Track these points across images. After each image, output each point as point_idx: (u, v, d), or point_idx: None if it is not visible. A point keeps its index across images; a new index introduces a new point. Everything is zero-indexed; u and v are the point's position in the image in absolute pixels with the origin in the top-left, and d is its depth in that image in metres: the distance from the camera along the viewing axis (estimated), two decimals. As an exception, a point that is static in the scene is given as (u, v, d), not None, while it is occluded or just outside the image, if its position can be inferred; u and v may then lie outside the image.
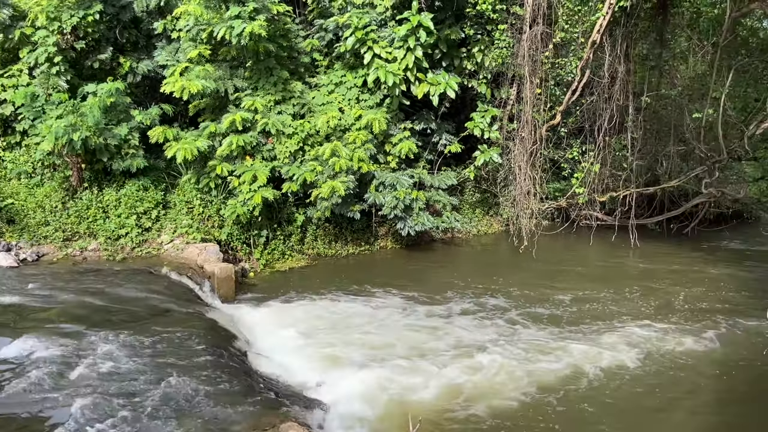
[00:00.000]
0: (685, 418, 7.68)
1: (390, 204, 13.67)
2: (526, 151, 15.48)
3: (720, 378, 8.66)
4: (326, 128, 13.55)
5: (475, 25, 15.02)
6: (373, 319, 10.37)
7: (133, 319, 8.88)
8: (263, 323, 10.04)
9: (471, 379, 8.29)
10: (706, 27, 16.75)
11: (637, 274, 13.58)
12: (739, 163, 19.19)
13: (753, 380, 8.61)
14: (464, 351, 9.11)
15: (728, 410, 7.87)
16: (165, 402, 6.59)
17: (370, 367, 8.48)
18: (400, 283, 12.28)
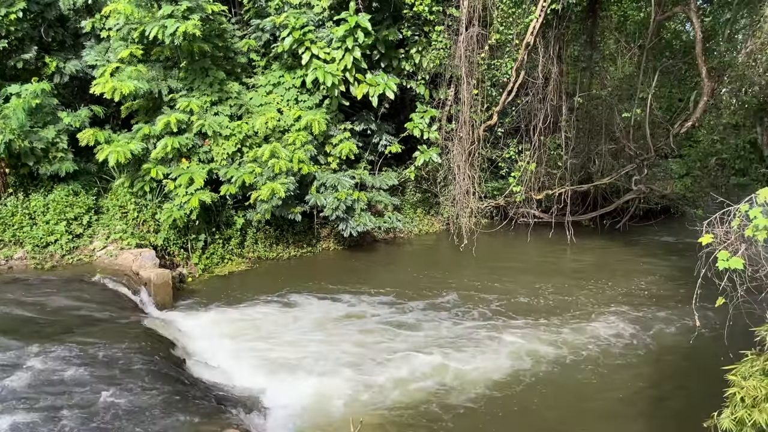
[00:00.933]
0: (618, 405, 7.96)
1: (331, 205, 13.62)
2: (464, 151, 15.72)
3: (651, 365, 9.02)
4: (265, 129, 13.38)
5: (413, 27, 15.15)
6: (315, 322, 10.30)
7: (65, 330, 8.51)
8: (203, 329, 9.81)
9: (412, 380, 8.34)
10: (633, 30, 17.47)
11: (573, 269, 14.01)
12: (666, 160, 20.04)
13: (680, 367, 9.01)
14: (406, 351, 9.15)
15: (658, 396, 8.20)
16: (99, 415, 6.34)
17: (312, 370, 8.43)
18: (342, 285, 12.24)
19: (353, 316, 10.70)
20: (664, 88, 18.50)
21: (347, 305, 11.20)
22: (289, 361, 8.74)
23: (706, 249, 6.66)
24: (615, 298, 11.82)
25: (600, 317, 10.78)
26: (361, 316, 10.68)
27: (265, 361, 8.75)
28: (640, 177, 16.60)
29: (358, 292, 11.85)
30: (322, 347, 9.24)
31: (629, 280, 12.93)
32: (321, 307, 11.09)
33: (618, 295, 12.00)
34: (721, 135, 18.13)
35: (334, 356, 8.93)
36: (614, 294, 12.09)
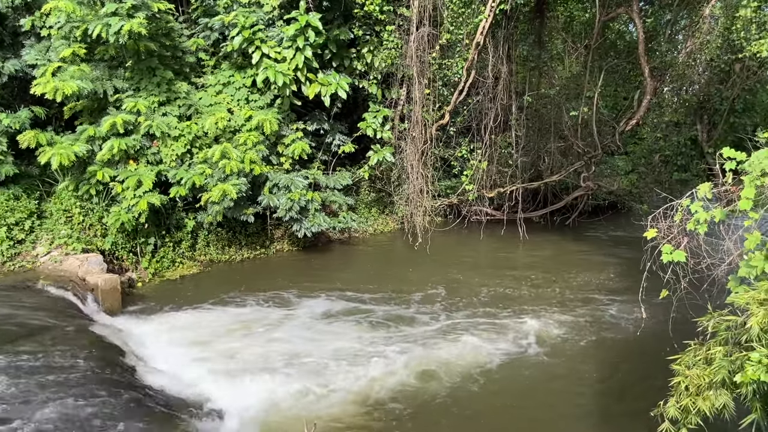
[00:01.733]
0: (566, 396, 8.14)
1: (285, 206, 13.49)
2: (417, 150, 15.81)
3: (600, 357, 9.26)
4: (215, 130, 13.15)
5: (364, 26, 15.14)
6: (268, 324, 10.18)
7: (7, 340, 8.17)
8: (153, 335, 9.58)
9: (366, 381, 8.33)
10: (579, 30, 17.90)
11: (525, 265, 14.26)
12: (612, 157, 20.65)
13: (628, 358, 9.28)
14: (360, 352, 9.15)
15: (607, 387, 8.42)
16: (45, 427, 6.12)
17: (265, 373, 8.33)
18: (297, 286, 12.14)
19: (307, 317, 10.62)
20: (609, 87, 19.04)
21: (302, 307, 11.11)
22: (242, 364, 8.62)
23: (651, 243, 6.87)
24: (565, 293, 12.09)
25: (550, 312, 11.02)
26: (315, 318, 10.61)
27: (218, 365, 8.61)
28: (588, 174, 17.03)
29: (312, 294, 11.78)
30: (275, 349, 9.14)
31: (579, 274, 13.24)
32: (274, 309, 10.97)
33: (568, 290, 12.28)
34: (664, 132, 18.77)
35: (288, 358, 8.85)
36: (564, 289, 12.36)
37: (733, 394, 4.69)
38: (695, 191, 6.72)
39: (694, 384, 4.86)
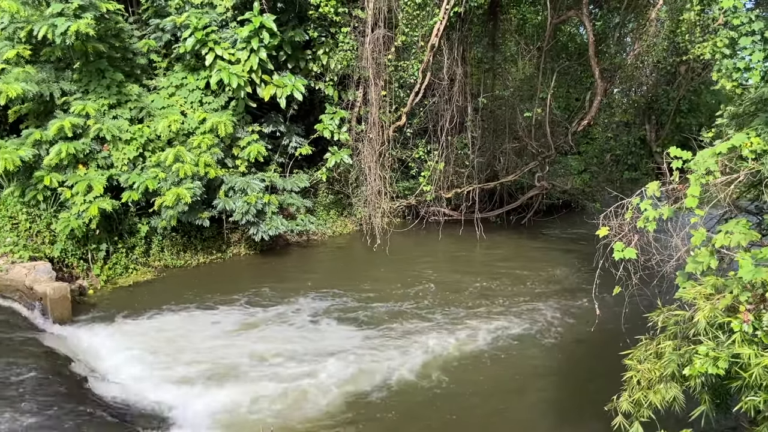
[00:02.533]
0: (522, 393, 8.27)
1: (241, 209, 13.31)
2: (375, 152, 15.82)
3: (555, 354, 9.44)
4: (168, 133, 12.89)
5: (319, 28, 15.08)
6: (224, 331, 10.02)
7: (-52, 353, 7.86)
8: (105, 344, 9.31)
9: (321, 384, 8.26)
10: (532, 32, 18.22)
11: (482, 264, 14.42)
12: (566, 157, 21.07)
13: (582, 354, 9.48)
14: (317, 355, 9.08)
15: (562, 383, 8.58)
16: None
17: (221, 380, 8.20)
18: (254, 291, 11.99)
19: (265, 322, 10.50)
20: (561, 89, 19.42)
21: (258, 312, 10.98)
22: (197, 372, 8.45)
23: (604, 241, 7.03)
24: (521, 292, 12.27)
25: (506, 310, 11.17)
26: (273, 322, 10.50)
27: (172, 373, 8.43)
28: (542, 174, 17.33)
29: (269, 298, 11.66)
30: (230, 356, 8.99)
31: (535, 273, 13.46)
32: (230, 314, 10.80)
33: (524, 288, 12.46)
34: (615, 132, 19.27)
35: (244, 365, 8.72)
36: (520, 287, 12.54)
37: (683, 386, 4.83)
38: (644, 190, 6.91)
39: (645, 378, 4.99)
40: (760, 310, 4.22)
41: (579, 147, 20.91)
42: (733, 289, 4.47)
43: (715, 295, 4.64)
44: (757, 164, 5.96)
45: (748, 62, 8.75)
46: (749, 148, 5.97)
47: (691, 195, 6.20)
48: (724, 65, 8.87)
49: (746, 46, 8.71)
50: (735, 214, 7.12)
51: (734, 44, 9.03)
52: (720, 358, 4.28)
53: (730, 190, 6.65)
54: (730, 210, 7.17)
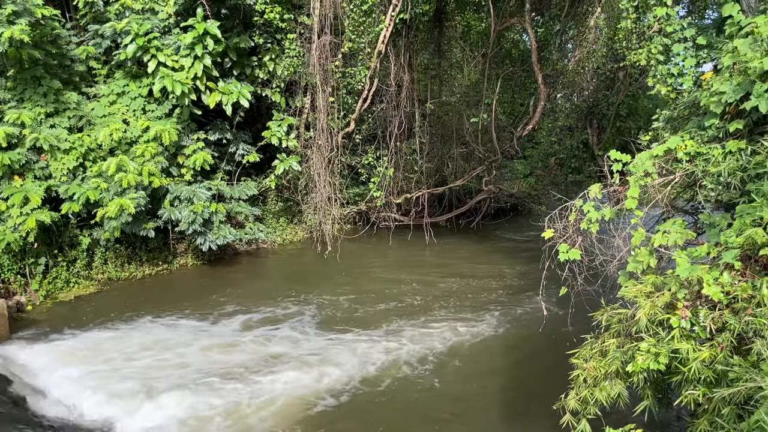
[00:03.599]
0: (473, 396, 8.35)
1: (187, 219, 13.03)
2: (324, 158, 15.76)
3: (504, 356, 9.58)
4: (110, 142, 12.53)
5: (265, 34, 14.94)
6: (170, 344, 9.74)
7: None
8: (44, 362, 8.94)
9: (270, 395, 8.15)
10: (476, 39, 18.55)
11: (432, 269, 14.52)
12: (512, 161, 21.47)
13: (531, 355, 9.65)
14: (265, 366, 8.95)
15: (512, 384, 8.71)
16: None
17: (166, 395, 7.98)
18: (201, 302, 11.76)
19: (212, 334, 10.28)
20: (506, 94, 19.82)
21: (205, 324, 10.76)
22: (140, 387, 8.19)
23: (549, 242, 7.18)
24: (470, 295, 12.41)
25: (456, 314, 11.27)
26: (221, 334, 10.30)
27: (114, 389, 8.13)
28: (489, 178, 17.63)
29: (217, 310, 11.44)
30: (174, 371, 8.75)
31: (483, 276, 13.64)
32: (176, 327, 10.54)
33: (473, 292, 12.61)
34: (558, 136, 19.75)
35: (188, 379, 8.49)
36: (469, 291, 12.69)
37: (627, 383, 4.98)
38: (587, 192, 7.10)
39: (591, 376, 5.11)
40: (697, 307, 4.39)
41: (524, 151, 21.35)
42: (672, 287, 4.63)
43: (654, 293, 4.80)
44: (691, 166, 6.20)
45: (681, 68, 9.11)
46: (684, 150, 6.21)
47: (630, 196, 6.40)
48: (659, 71, 9.22)
49: (679, 52, 9.07)
50: (672, 214, 7.38)
51: (668, 51, 9.39)
52: (661, 353, 4.43)
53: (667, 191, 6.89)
54: (668, 210, 7.42)
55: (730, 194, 5.64)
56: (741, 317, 4.08)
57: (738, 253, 4.36)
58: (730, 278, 4.28)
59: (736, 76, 5.91)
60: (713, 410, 4.09)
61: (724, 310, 4.24)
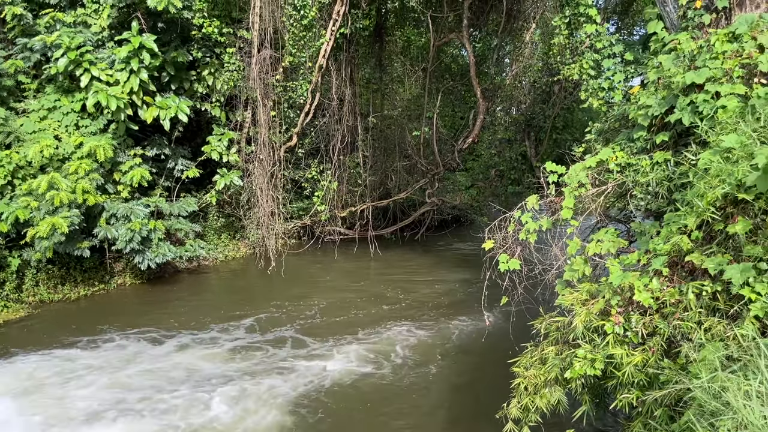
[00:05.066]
0: (416, 408, 8.39)
1: (125, 237, 12.63)
2: (266, 173, 15.61)
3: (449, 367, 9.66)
4: (40, 158, 12.06)
5: (203, 48, 14.74)
6: (107, 369, 9.37)
7: None
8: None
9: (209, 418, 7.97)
10: (416, 54, 18.82)
11: (376, 281, 14.54)
12: (454, 174, 21.80)
13: (475, 366, 9.77)
14: (205, 388, 8.73)
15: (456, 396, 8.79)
16: None
17: (101, 423, 7.68)
18: (140, 323, 11.38)
19: (150, 357, 9.96)
20: (447, 108, 20.16)
21: (144, 346, 10.40)
22: (78, 415, 7.87)
23: (490, 253, 7.31)
24: (415, 306, 12.49)
25: (402, 325, 11.31)
26: (158, 355, 10.00)
27: (49, 420, 7.78)
28: (432, 190, 17.85)
29: (156, 329, 11.10)
30: (115, 396, 8.44)
31: (428, 287, 13.76)
32: (112, 351, 10.15)
33: (418, 303, 12.70)
34: (498, 149, 20.20)
35: (128, 404, 8.20)
36: (414, 302, 12.77)
37: (566, 389, 5.10)
38: (525, 203, 7.28)
39: (531, 383, 5.21)
40: (629, 312, 4.54)
41: (466, 164, 21.72)
42: (605, 294, 4.78)
43: (590, 301, 4.94)
44: (622, 176, 6.44)
45: (611, 82, 9.49)
46: (615, 161, 6.45)
47: (566, 207, 6.60)
48: (591, 85, 9.57)
49: (609, 67, 9.44)
50: (606, 223, 7.63)
51: (599, 66, 9.76)
52: (596, 359, 4.56)
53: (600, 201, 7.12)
54: (602, 219, 7.68)
55: (659, 203, 5.89)
56: (670, 321, 4.25)
57: (666, 260, 4.55)
58: (659, 284, 4.45)
59: (661, 91, 6.19)
60: (647, 412, 4.23)
61: (654, 315, 4.40)
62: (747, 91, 5.19)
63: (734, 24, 5.77)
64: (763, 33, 5.35)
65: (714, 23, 6.75)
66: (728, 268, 3.94)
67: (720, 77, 5.41)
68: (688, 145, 5.60)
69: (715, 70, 5.42)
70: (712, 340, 3.85)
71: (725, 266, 3.98)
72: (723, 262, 4.02)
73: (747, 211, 4.13)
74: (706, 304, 4.15)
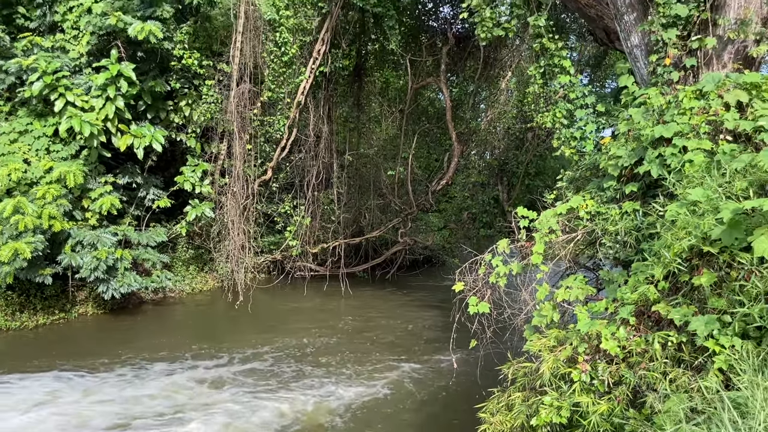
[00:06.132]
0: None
1: (89, 265, 12.35)
2: (238, 206, 15.50)
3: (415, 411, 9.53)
4: (7, 182, 11.81)
5: (182, 79, 14.74)
6: (62, 403, 9.04)
7: None
8: None
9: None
10: (394, 95, 19.11)
11: (346, 321, 14.38)
12: (427, 214, 21.94)
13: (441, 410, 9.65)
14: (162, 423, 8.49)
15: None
16: None
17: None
18: (99, 356, 11.02)
19: (110, 391, 9.65)
20: (422, 149, 20.41)
21: (103, 379, 10.08)
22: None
23: (460, 295, 7.31)
24: (384, 348, 12.34)
25: (368, 368, 11.12)
26: (119, 389, 9.69)
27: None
28: (405, 230, 17.90)
29: (116, 362, 10.77)
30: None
31: (397, 328, 13.65)
32: (67, 383, 9.80)
33: (386, 345, 12.55)
34: (471, 192, 20.43)
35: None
36: (383, 344, 12.62)
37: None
38: (495, 247, 7.33)
39: (498, 430, 5.15)
40: (596, 361, 4.55)
41: (439, 205, 21.89)
42: (573, 341, 4.80)
43: (557, 347, 4.95)
44: (592, 224, 6.54)
45: (583, 132, 9.70)
46: (585, 209, 6.55)
47: (536, 252, 6.66)
48: (563, 134, 9.78)
49: (582, 117, 9.67)
50: (575, 270, 7.71)
51: (572, 115, 10.00)
52: (563, 407, 4.53)
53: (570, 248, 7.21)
54: (571, 266, 7.75)
55: (627, 252, 5.98)
56: (636, 371, 4.27)
57: (633, 309, 4.59)
58: (625, 333, 4.48)
59: (631, 142, 6.36)
60: (612, 463, 4.20)
61: (621, 364, 4.42)
62: (713, 147, 5.35)
63: (701, 82, 5.99)
64: (728, 92, 5.55)
65: (682, 80, 7.00)
66: (693, 319, 3.99)
67: (687, 132, 5.58)
68: (657, 196, 5.72)
69: (682, 125, 5.59)
70: (677, 391, 3.86)
71: (690, 317, 4.03)
72: (688, 314, 4.07)
73: (712, 264, 4.20)
74: (672, 354, 4.18)
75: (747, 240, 3.83)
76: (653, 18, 7.13)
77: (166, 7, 13.47)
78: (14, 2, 13.59)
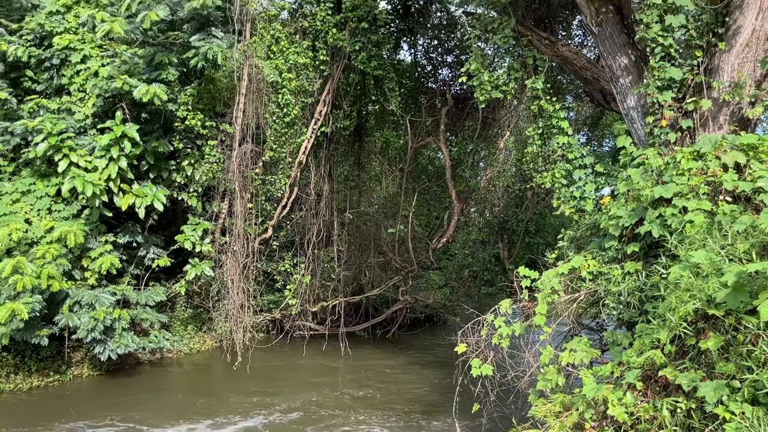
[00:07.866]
0: None
1: (87, 326, 12.19)
2: (238, 264, 15.43)
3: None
4: (8, 242, 11.80)
5: (185, 139, 14.95)
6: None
7: None
8: None
9: None
10: (394, 154, 19.35)
11: (345, 382, 14.07)
12: (428, 272, 21.85)
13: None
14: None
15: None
16: None
17: None
18: (93, 420, 10.75)
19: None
20: (422, 207, 20.51)
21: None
22: None
23: (462, 357, 7.19)
24: (385, 411, 12.02)
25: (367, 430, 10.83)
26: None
27: None
28: (405, 288, 17.78)
29: (110, 428, 10.49)
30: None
31: (398, 390, 13.34)
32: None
33: (388, 407, 12.23)
34: (472, 249, 20.41)
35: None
36: (384, 406, 12.30)
37: (539, 507, 4.86)
38: (498, 307, 7.26)
39: (504, 501, 4.97)
40: (603, 427, 4.43)
41: (440, 263, 21.84)
42: (579, 407, 4.68)
43: (563, 413, 4.83)
44: (594, 285, 6.50)
45: (582, 191, 9.76)
46: (587, 269, 6.52)
47: (539, 313, 6.59)
48: (562, 193, 9.83)
49: (580, 177, 9.75)
50: (578, 331, 7.61)
51: (570, 175, 10.08)
52: (571, 477, 4.39)
53: (573, 308, 7.14)
54: (575, 327, 7.66)
55: (630, 313, 5.91)
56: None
57: (639, 373, 4.50)
58: (633, 398, 4.38)
59: (631, 202, 6.38)
60: None
61: (629, 431, 4.29)
62: (713, 207, 5.37)
63: (698, 143, 6.06)
64: (726, 153, 5.61)
65: (679, 141, 7.09)
66: (702, 385, 3.90)
67: (686, 193, 5.61)
68: (659, 256, 5.71)
69: (681, 186, 5.62)
70: (689, 460, 3.75)
71: (698, 383, 3.95)
72: (696, 379, 3.99)
73: (718, 327, 4.15)
74: (681, 421, 4.07)
75: (752, 303, 3.79)
76: (648, 81, 7.29)
77: (171, 70, 13.78)
78: (22, 66, 13.92)
